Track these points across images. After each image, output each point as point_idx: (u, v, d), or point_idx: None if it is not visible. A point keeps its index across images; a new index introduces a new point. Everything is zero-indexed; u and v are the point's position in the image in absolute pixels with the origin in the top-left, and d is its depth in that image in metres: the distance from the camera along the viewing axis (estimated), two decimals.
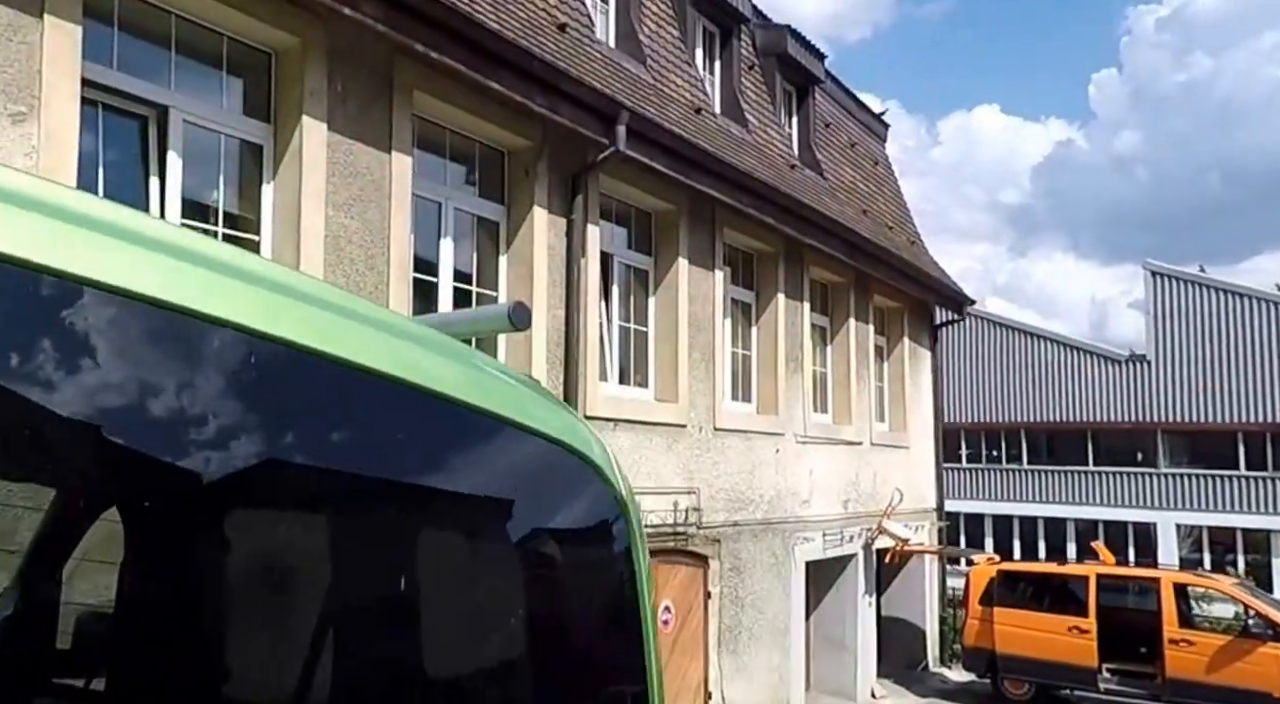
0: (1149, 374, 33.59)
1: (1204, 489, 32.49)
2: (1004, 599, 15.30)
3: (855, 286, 15.58)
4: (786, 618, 12.91)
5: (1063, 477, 35.20)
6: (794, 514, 13.30)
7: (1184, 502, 32.75)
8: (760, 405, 13.15)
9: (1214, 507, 32.21)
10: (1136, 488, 33.80)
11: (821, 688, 15.18)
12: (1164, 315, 33.41)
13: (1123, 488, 34.06)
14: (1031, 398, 35.62)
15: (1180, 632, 14.06)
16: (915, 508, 17.62)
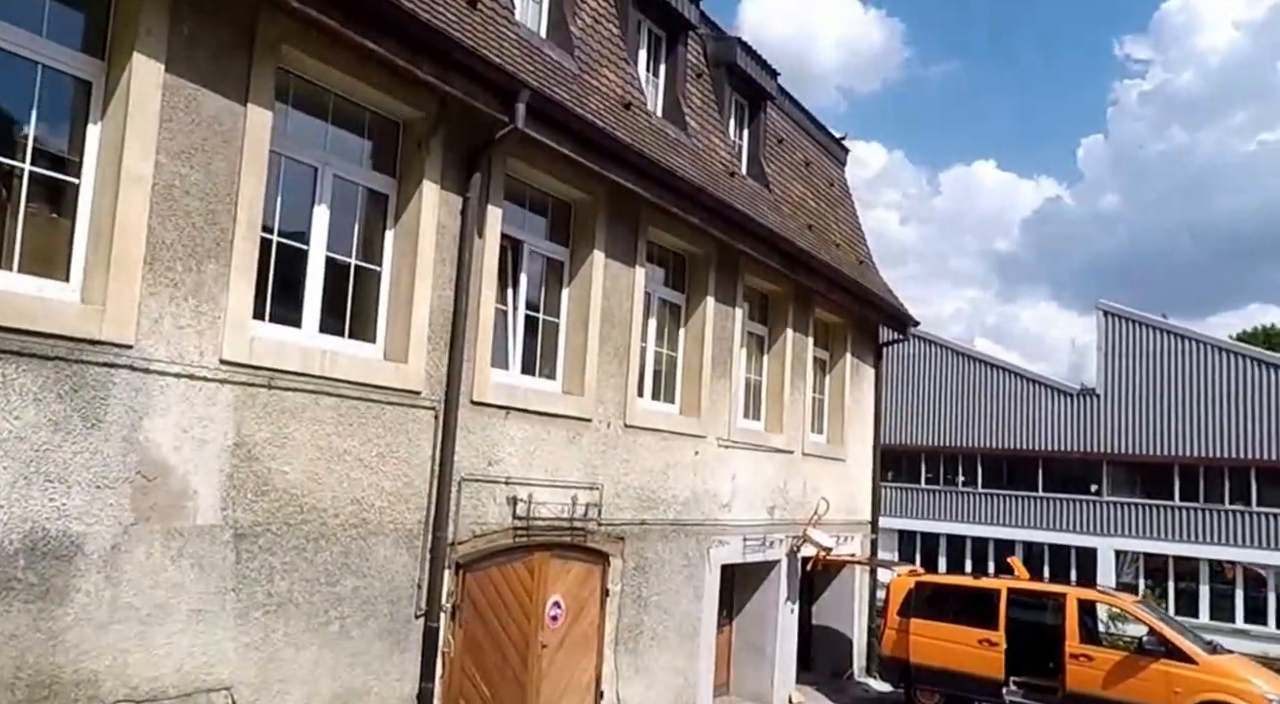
0: (1098, 407, 32.72)
1: (1142, 517, 31.58)
2: (920, 611, 14.27)
3: (795, 298, 14.57)
4: (696, 621, 11.84)
5: (1014, 501, 34.29)
6: (712, 517, 12.25)
7: (1123, 529, 31.84)
8: (683, 407, 12.13)
9: (1150, 534, 31.30)
10: (1081, 514, 32.88)
11: (741, 693, 14.12)
12: (1114, 353, 32.60)
13: (1069, 514, 33.16)
14: (990, 425, 34.80)
15: (1081, 647, 13.16)
16: (848, 519, 16.58)
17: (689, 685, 11.67)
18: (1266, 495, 29.80)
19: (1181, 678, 12.44)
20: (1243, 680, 12.38)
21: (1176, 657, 12.59)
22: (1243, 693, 12.20)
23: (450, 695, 8.12)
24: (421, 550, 7.85)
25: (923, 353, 36.33)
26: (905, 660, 14.18)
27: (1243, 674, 12.55)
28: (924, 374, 36.22)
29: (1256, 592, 29.68)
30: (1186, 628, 14.42)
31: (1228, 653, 13.57)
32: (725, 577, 14.06)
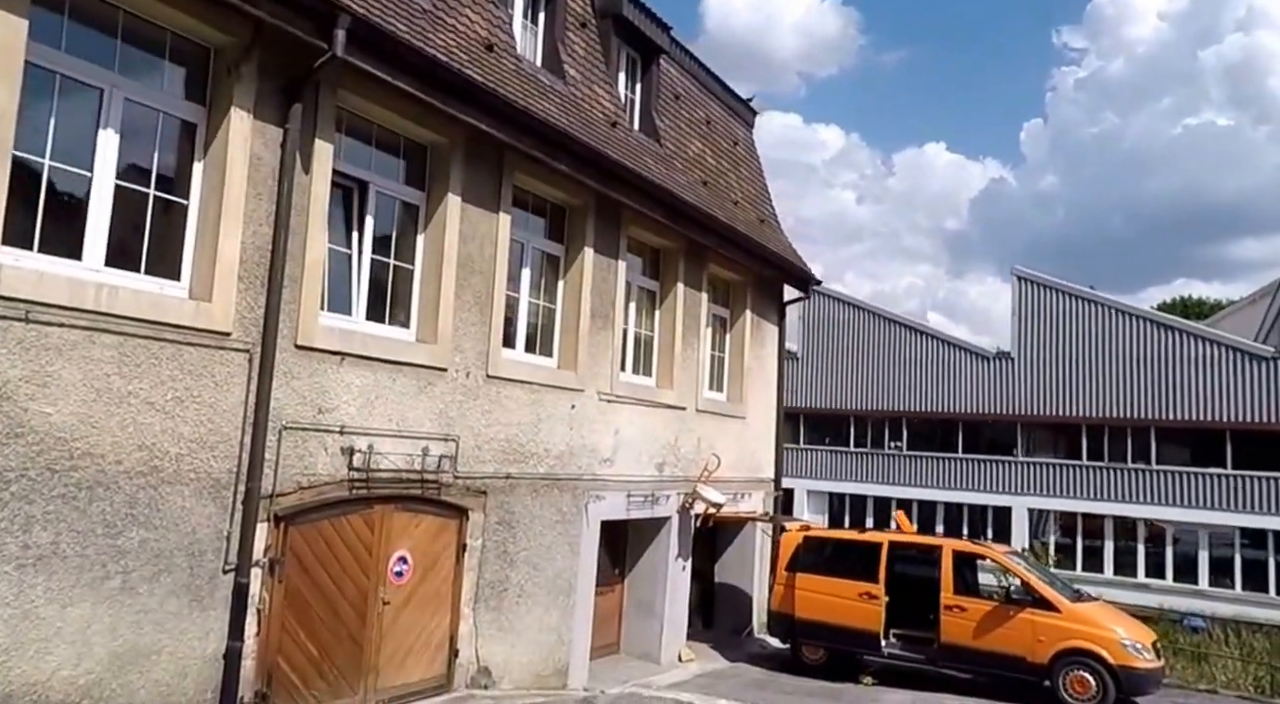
0: (1013, 370, 32.46)
1: (1053, 477, 31.46)
2: (807, 566, 13.70)
3: (687, 254, 13.85)
4: (572, 577, 11.16)
5: (936, 463, 33.98)
6: (590, 472, 11.54)
7: (1036, 488, 31.69)
8: (561, 360, 11.38)
9: (1061, 493, 31.20)
10: (998, 475, 32.67)
11: (630, 651, 13.49)
12: (1028, 318, 32.33)
13: (986, 474, 32.93)
14: (913, 389, 34.41)
15: (955, 598, 12.71)
16: (750, 477, 15.99)
17: (562, 644, 11.00)
18: (1165, 454, 29.73)
19: (1046, 626, 12.08)
20: (1102, 627, 12.07)
21: (1042, 606, 12.24)
22: (1101, 639, 11.88)
23: (267, 654, 7.35)
24: (231, 501, 7.06)
25: (850, 318, 35.87)
26: (791, 615, 13.62)
27: (1103, 621, 12.24)
28: (852, 340, 35.74)
29: (1157, 547, 29.63)
30: (1059, 579, 14.07)
31: (1093, 601, 13.21)
32: (618, 534, 13.44)
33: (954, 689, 12.64)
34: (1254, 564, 27.97)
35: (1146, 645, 12.08)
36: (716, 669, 13.43)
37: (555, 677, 10.88)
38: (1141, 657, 11.90)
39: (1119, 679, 11.70)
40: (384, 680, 8.48)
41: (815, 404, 36.15)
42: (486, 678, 9.84)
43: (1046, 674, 12.01)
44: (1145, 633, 12.53)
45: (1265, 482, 27.95)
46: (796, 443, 36.54)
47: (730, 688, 12.03)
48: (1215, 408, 28.76)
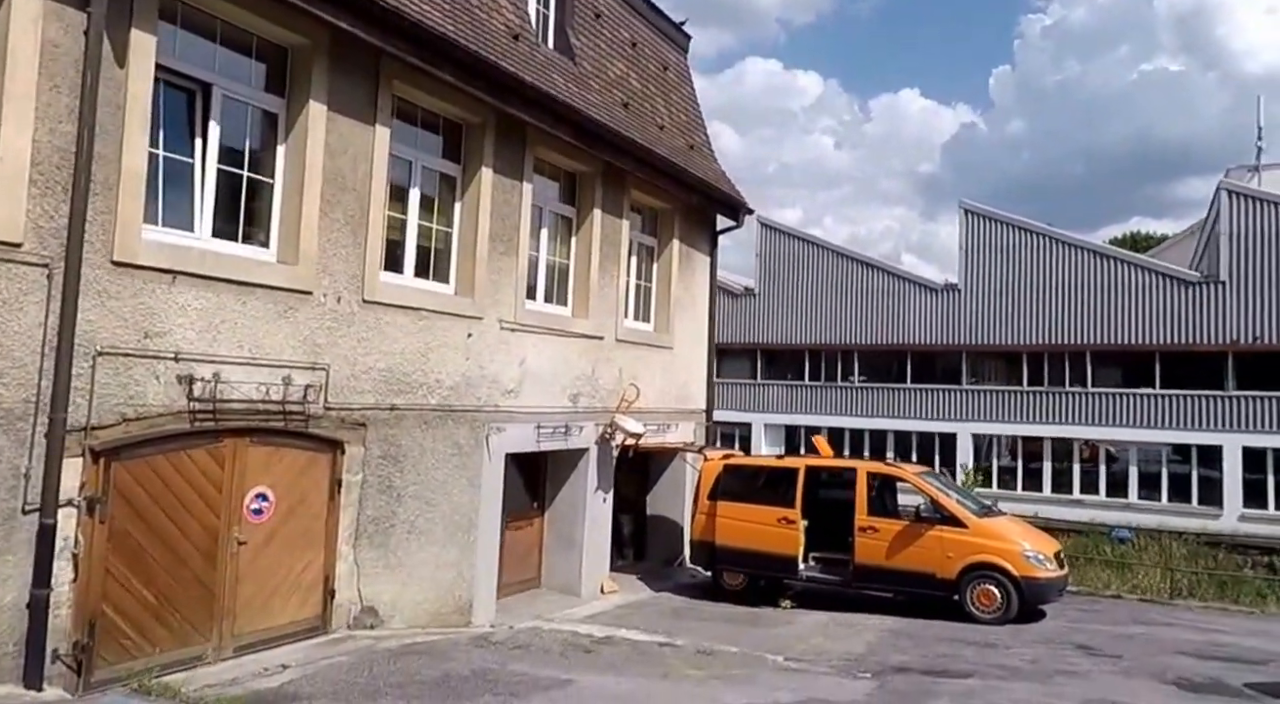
0: (959, 302, 31.74)
1: (997, 403, 31.04)
2: (727, 493, 12.92)
3: (605, 178, 12.76)
4: (473, 512, 10.25)
5: (886, 393, 33.33)
6: (492, 403, 10.58)
7: (981, 414, 31.23)
8: (459, 286, 10.34)
9: (1003, 418, 30.83)
10: (944, 402, 32.12)
11: (551, 585, 12.68)
12: (974, 249, 31.55)
13: (933, 403, 32.37)
14: (865, 322, 33.64)
15: (869, 519, 12.09)
16: (679, 408, 15.11)
17: (463, 580, 10.12)
18: (1100, 377, 29.46)
19: (953, 542, 11.59)
20: (1007, 541, 11.65)
21: (951, 523, 11.75)
22: (1006, 552, 11.46)
23: (88, 602, 6.39)
24: (30, 435, 6.04)
25: (805, 255, 34.87)
26: (712, 543, 12.86)
27: (1008, 535, 11.81)
28: (807, 275, 34.79)
29: (1094, 466, 29.50)
30: (971, 496, 13.50)
31: (1001, 515, 12.63)
32: (535, 467, 12.58)
33: (870, 609, 12.01)
34: (1179, 478, 28.27)
35: (1049, 556, 11.72)
36: (638, 600, 12.67)
37: (457, 614, 10.04)
38: (1044, 567, 11.55)
39: (1022, 590, 11.33)
40: (243, 625, 7.57)
41: (772, 340, 35.31)
42: (372, 618, 8.97)
43: (955, 589, 11.54)
44: (1049, 544, 12.16)
45: (1191, 400, 28.05)
46: (754, 378, 35.83)
47: (644, 617, 11.27)
48: (1146, 332, 28.63)
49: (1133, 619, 12.30)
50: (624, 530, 15.80)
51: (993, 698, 7.46)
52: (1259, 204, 27.62)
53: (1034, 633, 10.90)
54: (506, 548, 12.05)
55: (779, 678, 7.82)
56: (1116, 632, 11.18)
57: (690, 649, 8.92)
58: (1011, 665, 8.91)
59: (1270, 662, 9.63)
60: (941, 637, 10.47)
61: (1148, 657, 9.61)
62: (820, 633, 10.57)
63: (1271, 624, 12.60)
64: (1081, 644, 10.24)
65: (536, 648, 8.71)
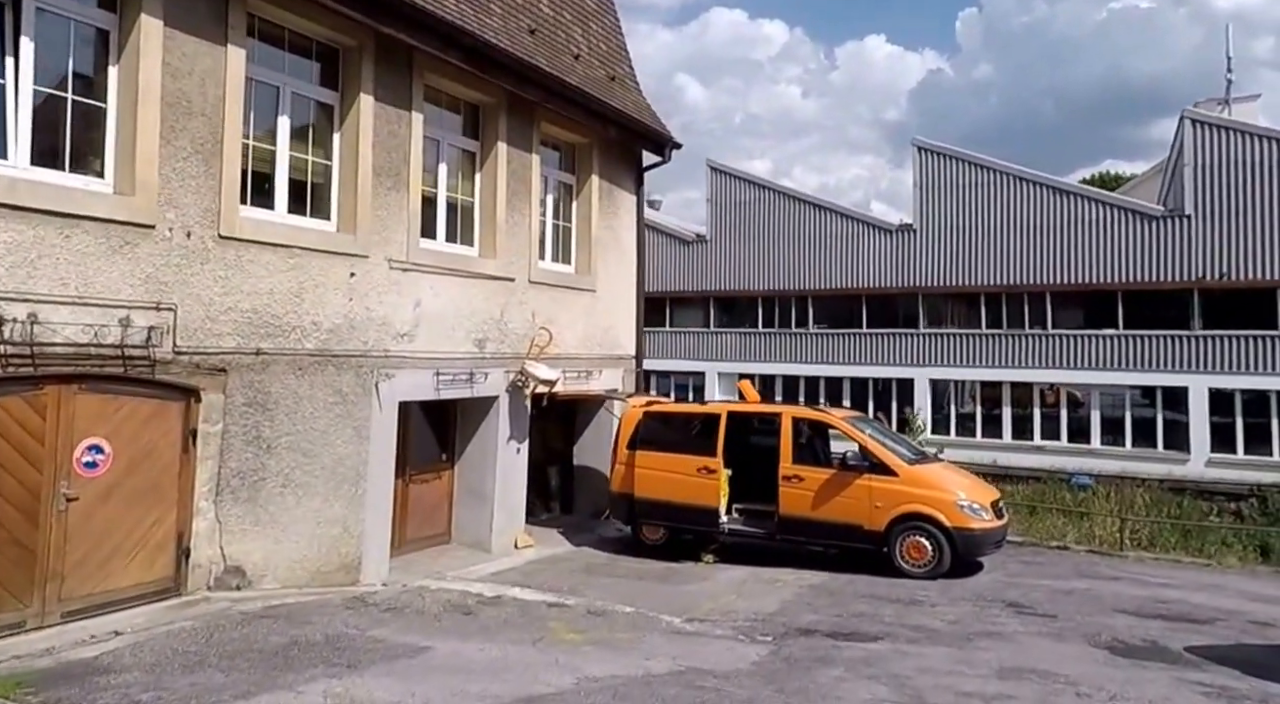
0: (915, 243, 31.31)
1: (954, 346, 30.75)
2: (647, 442, 12.48)
3: (510, 109, 12.12)
4: (361, 463, 9.77)
5: (841, 339, 32.99)
6: (382, 348, 10.06)
7: (938, 358, 30.96)
8: (340, 222, 9.75)
9: (961, 362, 30.56)
10: (901, 347, 31.83)
11: (462, 540, 12.28)
12: (929, 188, 31.06)
13: (890, 347, 32.07)
14: (819, 266, 33.17)
15: (794, 468, 11.60)
16: (605, 354, 14.63)
17: (350, 536, 9.67)
18: (1061, 319, 29.07)
19: (883, 491, 11.10)
20: (940, 489, 11.14)
21: (880, 471, 11.24)
22: (938, 501, 10.97)
23: None
24: None
25: (757, 199, 34.27)
26: (631, 495, 12.47)
27: (941, 484, 11.29)
28: (759, 220, 34.19)
29: (1054, 410, 29.24)
30: (909, 442, 13.11)
31: (937, 462, 12.25)
32: (443, 416, 12.13)
33: (798, 563, 11.66)
34: (1144, 422, 27.86)
35: (985, 505, 11.22)
36: (553, 555, 12.29)
37: (343, 572, 9.60)
38: (979, 517, 11.04)
39: (955, 542, 10.86)
40: (74, 588, 7.09)
41: (725, 287, 34.84)
42: (238, 578, 8.52)
43: (885, 541, 11.10)
44: (986, 492, 11.69)
45: (1155, 340, 27.57)
46: (707, 326, 35.43)
47: (552, 575, 10.89)
48: (1109, 270, 28.07)
49: (1077, 572, 11.90)
50: (551, 483, 15.44)
51: (894, 667, 7.05)
52: (1225, 132, 26.68)
53: (965, 589, 10.50)
54: (411, 501, 11.65)
55: (666, 643, 7.44)
56: (1056, 587, 10.77)
57: (581, 610, 8.54)
58: (930, 627, 8.51)
59: (1217, 620, 9.21)
60: (864, 593, 10.11)
61: (1084, 615, 9.19)
62: (735, 590, 10.23)
63: (1226, 577, 12.20)
64: (1014, 601, 9.83)
65: (412, 610, 8.31)
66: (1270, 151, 26.00)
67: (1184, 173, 26.96)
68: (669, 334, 35.96)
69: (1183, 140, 27.19)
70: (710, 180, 35.31)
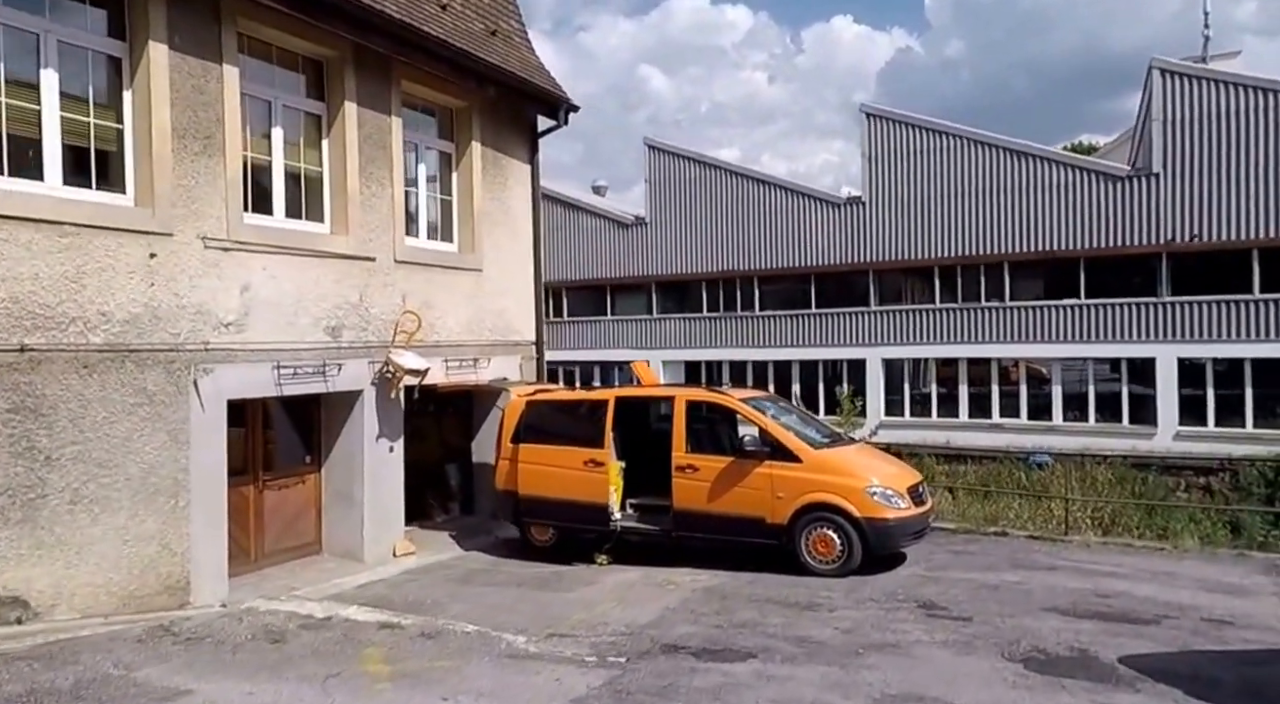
0: (864, 216, 30.43)
1: (907, 323, 29.93)
2: (530, 434, 11.44)
3: (359, 65, 11.02)
4: (179, 472, 8.66)
5: (788, 321, 32.07)
6: (200, 339, 8.94)
7: (891, 337, 30.13)
8: (138, 196, 8.62)
9: (915, 339, 29.70)
10: (852, 327, 30.98)
11: (333, 550, 11.25)
12: (878, 158, 30.18)
13: (840, 328, 31.22)
14: (764, 245, 32.20)
15: (689, 457, 10.59)
16: (497, 340, 13.58)
17: (171, 554, 8.57)
18: (1019, 290, 28.16)
19: (784, 480, 10.08)
20: (848, 475, 10.10)
21: (782, 456, 10.18)
22: (845, 489, 9.93)
23: None
24: None
25: (697, 176, 33.25)
26: (516, 493, 11.43)
27: (850, 469, 10.25)
28: (700, 199, 33.15)
29: (1010, 385, 28.45)
30: (818, 424, 12.13)
31: (849, 444, 11.29)
32: (304, 413, 11.11)
33: (697, 561, 10.67)
34: (1108, 396, 26.93)
35: (900, 491, 10.15)
36: (436, 562, 11.26)
37: (167, 595, 8.53)
38: (893, 506, 9.98)
39: (865, 534, 9.81)
40: None
41: (667, 270, 33.85)
42: (20, 610, 7.44)
43: (789, 535, 10.08)
44: (904, 476, 10.62)
45: (1120, 308, 26.58)
46: (650, 313, 34.45)
47: (423, 586, 9.87)
48: (1069, 236, 27.03)
49: (1011, 562, 10.83)
50: (450, 482, 14.40)
51: (746, 699, 5.95)
52: (1196, 83, 25.32)
53: (877, 587, 9.46)
54: (267, 510, 10.61)
55: (488, 673, 6.39)
56: (982, 582, 9.70)
57: (415, 632, 7.48)
58: (817, 639, 7.44)
59: (1164, 618, 8.09)
60: (760, 597, 9.08)
61: (1005, 617, 8.12)
62: (617, 596, 9.23)
63: (1181, 564, 10.88)
64: (928, 601, 8.80)
65: (214, 640, 7.21)
66: (1246, 101, 24.76)
67: (1152, 128, 25.77)
68: (610, 322, 34.98)
69: (1150, 93, 25.93)
70: (647, 159, 34.33)
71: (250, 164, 9.92)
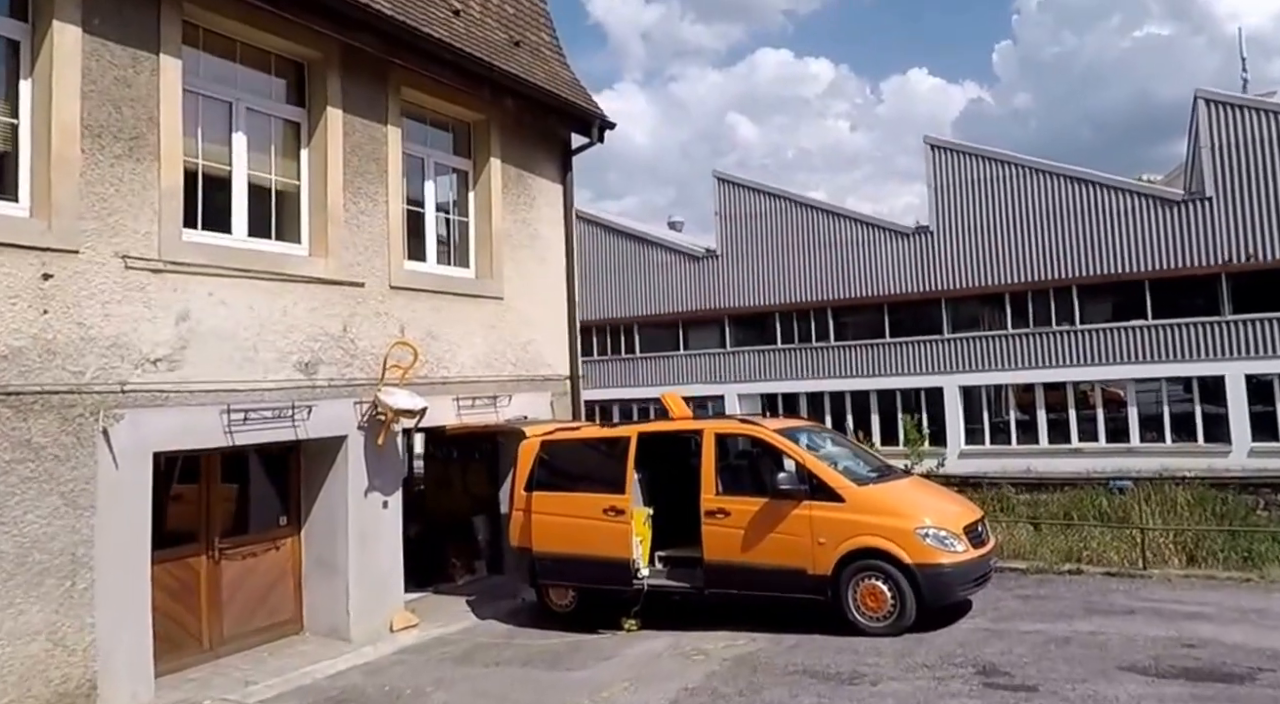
0: (933, 245, 27.47)
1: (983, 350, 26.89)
2: (544, 481, 8.92)
3: (347, 67, 8.84)
4: (78, 545, 6.40)
5: (864, 351, 29.14)
6: (112, 379, 6.70)
7: (967, 364, 27.05)
8: (35, 206, 6.47)
9: (991, 366, 26.68)
10: (926, 355, 27.96)
11: (316, 628, 8.83)
12: (944, 188, 27.34)
13: (915, 356, 28.24)
14: (835, 276, 29.43)
15: (718, 499, 8.11)
16: (521, 375, 11.16)
17: (69, 650, 6.29)
18: (1089, 313, 25.37)
19: (826, 522, 7.61)
20: (895, 515, 7.64)
21: (821, 495, 7.68)
22: (892, 531, 7.50)
23: None
24: None
25: (767, 209, 30.62)
26: (530, 549, 8.90)
27: (898, 507, 7.78)
28: (770, 231, 30.51)
29: (1088, 409, 25.25)
30: (868, 455, 9.41)
31: (900, 478, 8.55)
32: (279, 465, 8.78)
33: (734, 622, 8.03)
34: (1183, 416, 24.30)
35: (957, 532, 7.67)
36: (438, 637, 8.80)
37: (56, 702, 6.20)
38: (948, 549, 7.52)
39: (918, 583, 7.37)
40: None
41: (739, 303, 31.17)
42: None
43: (834, 587, 7.60)
44: (962, 514, 8.08)
45: (1186, 328, 24.14)
46: (723, 346, 31.78)
47: (410, 671, 7.50)
48: (1132, 258, 24.69)
49: (1085, 607, 8.33)
50: (477, 536, 11.93)
51: None
52: (1239, 111, 23.89)
53: (933, 648, 7.03)
54: (225, 584, 8.25)
55: None
56: (1052, 634, 7.33)
57: None
58: None
59: (1259, 673, 6.13)
60: (795, 668, 6.66)
61: (1076, 683, 6.01)
62: (632, 675, 6.74)
63: (1271, 597, 8.57)
64: (989, 665, 6.46)
65: None
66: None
67: (1201, 155, 23.98)
68: (683, 357, 32.39)
69: (1198, 122, 24.21)
70: (717, 192, 31.88)
71: (202, 173, 7.76)
